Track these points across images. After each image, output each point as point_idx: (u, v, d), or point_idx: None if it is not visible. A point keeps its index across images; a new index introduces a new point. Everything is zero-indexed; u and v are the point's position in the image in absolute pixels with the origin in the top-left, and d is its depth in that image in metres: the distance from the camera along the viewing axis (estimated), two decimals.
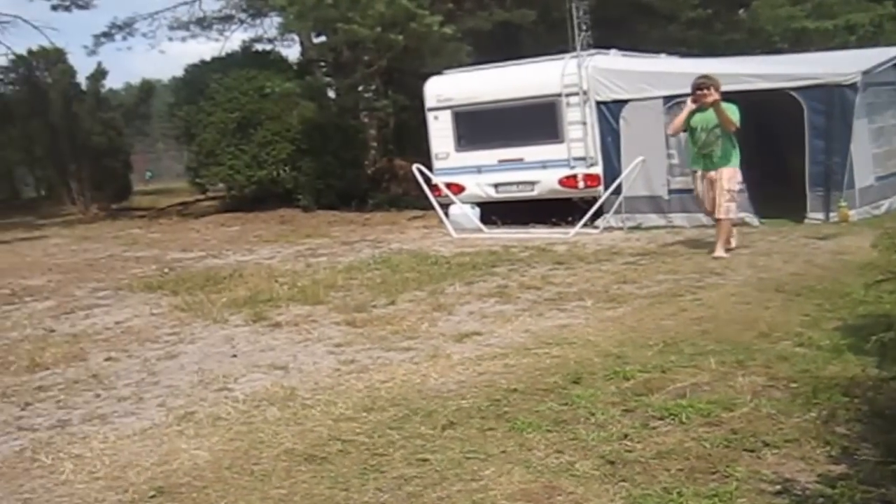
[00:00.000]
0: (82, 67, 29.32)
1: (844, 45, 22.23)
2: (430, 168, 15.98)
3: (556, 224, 14.25)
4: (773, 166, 14.43)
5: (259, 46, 25.46)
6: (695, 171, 11.15)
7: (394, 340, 7.18)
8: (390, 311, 8.46)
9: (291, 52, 27.07)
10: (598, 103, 14.28)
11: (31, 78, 28.21)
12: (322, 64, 23.86)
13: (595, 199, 14.22)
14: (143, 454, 4.82)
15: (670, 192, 13.68)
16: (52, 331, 8.80)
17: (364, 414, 5.16)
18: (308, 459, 4.47)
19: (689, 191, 13.57)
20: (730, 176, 10.62)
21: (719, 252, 10.30)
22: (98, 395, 6.23)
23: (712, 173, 10.73)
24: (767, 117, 14.05)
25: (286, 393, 5.80)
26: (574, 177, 14.67)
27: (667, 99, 13.51)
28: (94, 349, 7.77)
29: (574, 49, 14.89)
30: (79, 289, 11.43)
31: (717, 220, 10.68)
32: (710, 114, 10.61)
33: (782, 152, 14.72)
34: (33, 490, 4.45)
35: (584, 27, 15.46)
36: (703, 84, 10.70)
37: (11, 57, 29.20)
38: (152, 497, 4.18)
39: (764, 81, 13.07)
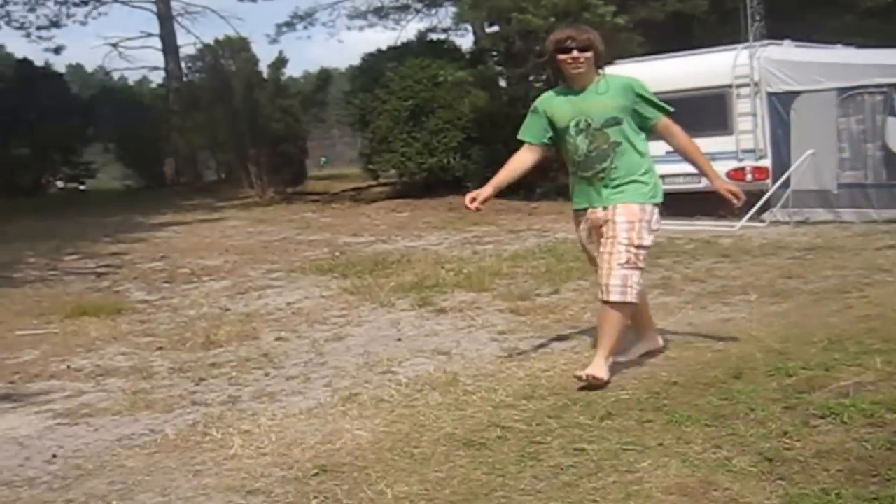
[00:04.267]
0: (264, 56, 30.34)
1: None
2: None
3: (722, 217, 13.95)
4: None
5: (433, 36, 25.72)
6: (578, 212, 5.95)
7: (556, 329, 7.14)
8: (554, 300, 8.44)
9: (465, 41, 27.43)
10: (770, 95, 13.90)
11: (216, 66, 29.22)
12: (494, 53, 23.93)
13: (763, 193, 13.89)
14: (309, 433, 4.92)
15: (840, 186, 13.21)
16: (227, 310, 9.09)
17: (524, 402, 5.15)
18: (467, 445, 4.48)
19: (861, 185, 13.03)
20: (634, 217, 5.56)
21: (598, 370, 5.39)
22: (267, 374, 6.39)
23: (601, 212, 5.68)
24: None
25: (448, 378, 5.83)
26: (742, 169, 14.35)
27: (841, 91, 13.08)
28: (265, 329, 7.98)
29: (747, 40, 14.56)
30: (253, 270, 11.78)
31: (605, 304, 5.58)
32: (596, 97, 5.67)
33: None
34: (203, 462, 4.59)
35: (757, 17, 15.10)
36: (570, 42, 5.63)
37: (199, 46, 30.56)
38: (315, 475, 4.26)
39: None
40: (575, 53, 5.61)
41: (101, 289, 11.05)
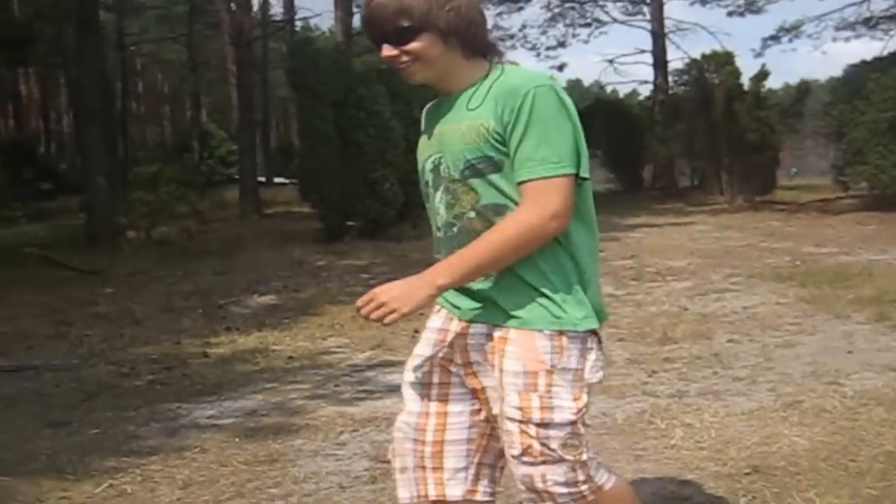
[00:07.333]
0: (747, 69, 29.55)
1: None
2: None
3: None
4: None
5: None
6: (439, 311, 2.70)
7: None
8: None
9: None
10: None
11: (700, 79, 29.11)
12: None
13: None
14: (747, 433, 4.83)
15: None
16: (686, 309, 9.07)
17: None
18: None
19: None
20: (535, 361, 2.45)
21: None
22: (716, 373, 6.33)
23: (471, 330, 2.59)
24: None
25: None
26: None
27: None
28: (719, 330, 7.88)
29: None
30: (715, 273, 11.60)
31: None
32: (462, 115, 2.52)
33: None
34: (645, 448, 4.67)
35: None
36: (372, 28, 2.52)
37: (686, 61, 30.59)
38: (747, 474, 4.18)
39: None
40: (386, 51, 2.52)
41: None
